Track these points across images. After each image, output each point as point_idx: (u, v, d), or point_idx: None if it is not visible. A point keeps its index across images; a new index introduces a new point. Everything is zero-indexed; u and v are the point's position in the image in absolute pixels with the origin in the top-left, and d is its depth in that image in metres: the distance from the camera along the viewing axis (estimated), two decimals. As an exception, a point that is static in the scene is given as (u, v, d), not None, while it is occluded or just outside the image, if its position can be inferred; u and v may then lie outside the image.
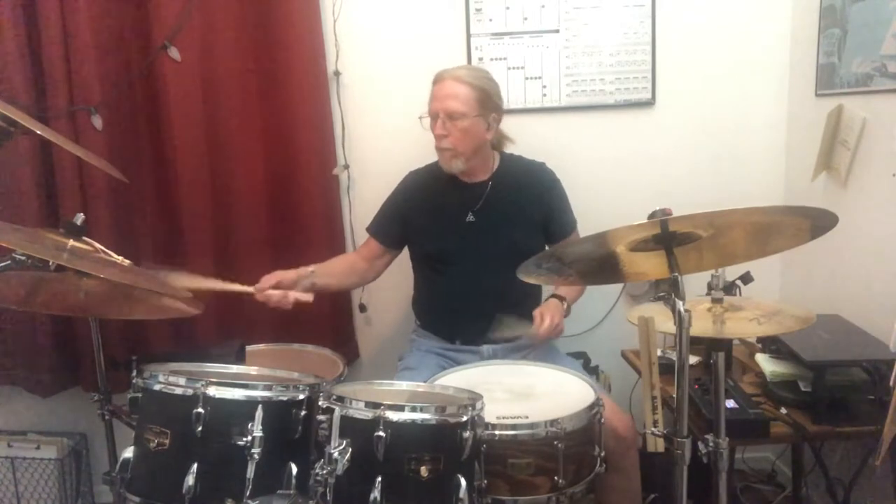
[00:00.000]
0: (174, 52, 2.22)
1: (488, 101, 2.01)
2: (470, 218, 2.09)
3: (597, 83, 2.41)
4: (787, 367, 1.91)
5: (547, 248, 2.15)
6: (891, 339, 1.78)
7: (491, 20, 2.38)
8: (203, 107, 2.29)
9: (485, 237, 2.08)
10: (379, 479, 1.35)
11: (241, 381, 1.51)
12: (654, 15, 2.37)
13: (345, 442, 1.36)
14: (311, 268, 2.04)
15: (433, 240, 2.14)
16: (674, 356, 1.35)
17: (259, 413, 1.44)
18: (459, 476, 1.40)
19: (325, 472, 1.33)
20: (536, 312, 1.96)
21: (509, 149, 2.22)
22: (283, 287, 1.97)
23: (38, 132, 1.51)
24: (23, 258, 1.39)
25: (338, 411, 1.40)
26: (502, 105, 2.09)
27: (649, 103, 2.43)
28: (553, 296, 2.08)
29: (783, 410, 1.82)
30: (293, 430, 1.51)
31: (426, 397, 1.60)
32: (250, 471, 1.42)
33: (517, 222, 2.10)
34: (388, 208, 2.21)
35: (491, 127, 2.05)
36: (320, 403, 1.47)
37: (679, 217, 1.26)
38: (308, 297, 1.97)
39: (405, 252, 2.25)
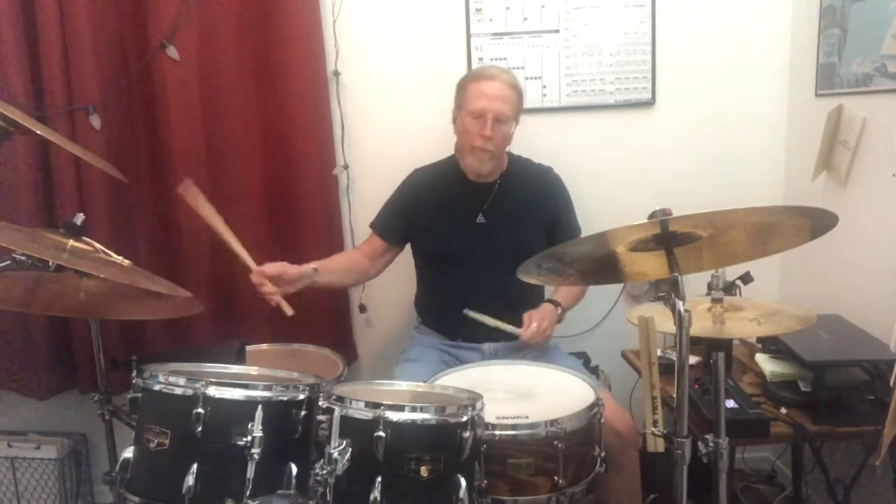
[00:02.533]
0: (173, 52, 2.22)
1: (521, 108, 2.05)
2: (480, 219, 2.10)
3: (597, 83, 2.41)
4: (787, 367, 1.91)
5: None
6: (891, 339, 1.78)
7: (491, 20, 2.37)
8: (202, 106, 2.28)
9: (493, 238, 2.08)
10: (379, 479, 1.35)
11: (241, 381, 1.50)
12: (654, 15, 2.37)
13: (345, 442, 1.36)
14: (312, 265, 2.01)
15: (440, 239, 2.13)
16: (674, 356, 1.35)
17: (259, 413, 1.44)
18: (459, 476, 1.40)
19: (325, 472, 1.32)
20: (526, 315, 1.98)
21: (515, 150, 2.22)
22: (285, 281, 1.91)
23: (37, 132, 1.51)
24: (23, 258, 1.40)
25: (338, 411, 1.39)
26: None
27: (649, 103, 2.43)
28: (548, 300, 2.08)
29: (783, 410, 1.82)
30: (293, 430, 1.51)
31: (426, 397, 1.60)
32: (250, 471, 1.42)
33: (524, 223, 2.10)
34: (392, 205, 2.20)
35: (514, 132, 2.07)
36: (320, 403, 1.47)
37: (679, 217, 1.26)
38: (289, 311, 1.90)
39: (406, 252, 2.25)
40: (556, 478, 1.54)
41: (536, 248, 1.98)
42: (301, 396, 1.53)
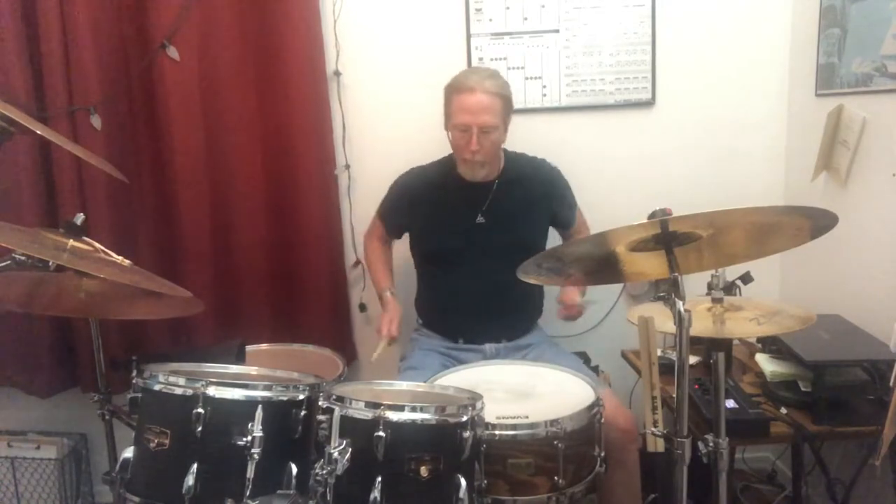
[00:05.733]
0: (173, 52, 2.22)
1: (510, 109, 2.04)
2: (480, 219, 2.10)
3: (597, 83, 2.41)
4: (787, 367, 1.91)
5: (555, 234, 2.18)
6: (891, 339, 1.78)
7: (491, 20, 2.37)
8: (202, 106, 2.28)
9: (493, 237, 2.08)
10: (379, 479, 1.36)
11: (241, 381, 1.51)
12: (654, 15, 2.37)
13: (345, 442, 1.36)
14: (388, 291, 2.14)
15: (440, 239, 2.14)
16: (674, 356, 1.35)
17: (259, 413, 1.44)
18: (459, 476, 1.41)
19: (325, 472, 1.33)
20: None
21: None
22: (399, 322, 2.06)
23: (38, 132, 1.51)
24: (23, 258, 1.39)
25: (338, 411, 1.40)
26: None
27: (649, 103, 2.43)
28: None
29: (783, 410, 1.82)
30: (293, 430, 1.52)
31: (426, 397, 1.60)
32: (250, 471, 1.42)
33: (524, 220, 2.11)
34: (391, 201, 2.22)
35: (507, 130, 2.06)
36: (320, 403, 1.48)
37: (679, 217, 1.26)
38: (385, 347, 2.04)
39: (406, 253, 2.26)
40: (555, 478, 1.54)
41: (537, 245, 2.01)
42: (301, 396, 1.53)
